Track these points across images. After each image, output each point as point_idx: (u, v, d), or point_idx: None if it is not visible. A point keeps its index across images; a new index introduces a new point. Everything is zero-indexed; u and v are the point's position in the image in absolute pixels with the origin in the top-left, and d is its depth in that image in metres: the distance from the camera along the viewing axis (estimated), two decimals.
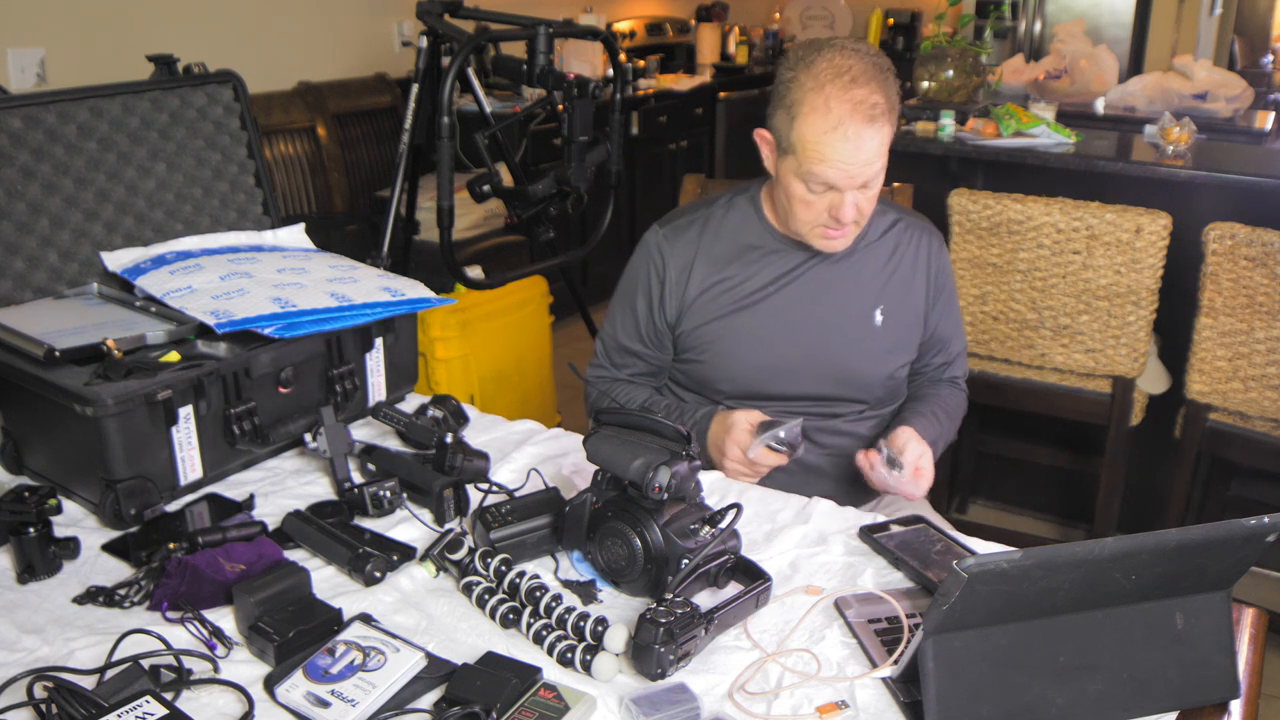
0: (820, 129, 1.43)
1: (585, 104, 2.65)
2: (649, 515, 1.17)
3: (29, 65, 3.11)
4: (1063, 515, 3.07)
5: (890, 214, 1.68)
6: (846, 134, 1.42)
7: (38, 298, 1.58)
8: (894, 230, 1.67)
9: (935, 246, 1.70)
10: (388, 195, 2.90)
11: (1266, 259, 2.16)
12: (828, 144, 1.44)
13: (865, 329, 1.64)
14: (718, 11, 6.15)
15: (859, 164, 1.45)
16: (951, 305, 1.74)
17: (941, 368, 1.76)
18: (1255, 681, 1.09)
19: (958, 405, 1.75)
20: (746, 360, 1.63)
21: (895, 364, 1.68)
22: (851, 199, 1.48)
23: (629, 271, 1.70)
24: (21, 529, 1.21)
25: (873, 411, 1.69)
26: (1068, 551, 0.93)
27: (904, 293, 1.66)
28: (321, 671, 1.03)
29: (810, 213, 1.52)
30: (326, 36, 4.05)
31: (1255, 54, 6.40)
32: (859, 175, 1.46)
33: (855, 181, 1.46)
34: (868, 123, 1.43)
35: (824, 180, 1.47)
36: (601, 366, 1.74)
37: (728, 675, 1.08)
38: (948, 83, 3.14)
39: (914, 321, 1.68)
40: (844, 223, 1.50)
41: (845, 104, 1.42)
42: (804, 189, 1.50)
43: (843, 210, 1.49)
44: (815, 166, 1.46)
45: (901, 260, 1.66)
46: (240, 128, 1.84)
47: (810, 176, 1.47)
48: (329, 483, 1.47)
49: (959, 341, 1.77)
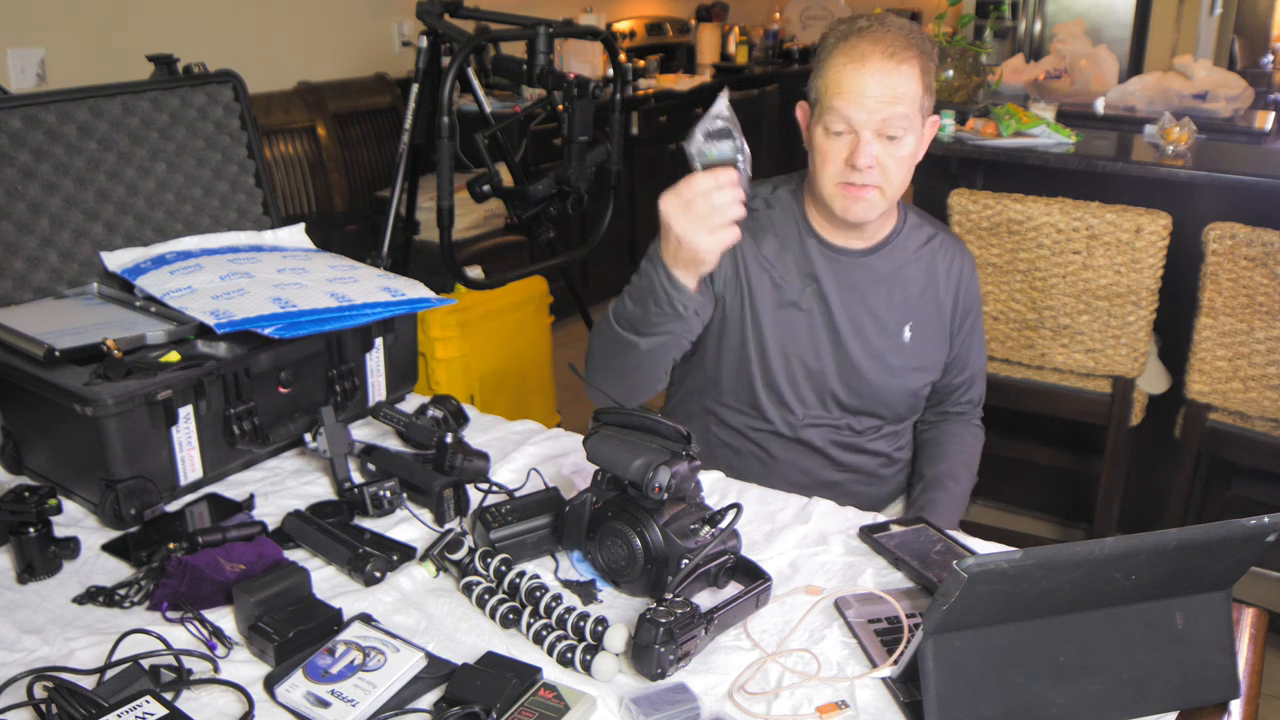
0: (842, 63, 1.44)
1: (585, 104, 2.65)
2: (649, 515, 1.17)
3: (29, 65, 3.11)
4: (1063, 515, 3.07)
5: (927, 228, 1.66)
6: (865, 65, 1.42)
7: (38, 298, 1.58)
8: (930, 245, 1.65)
9: (968, 269, 1.68)
10: (388, 195, 2.90)
11: (1266, 259, 2.16)
12: (846, 75, 1.43)
13: (894, 343, 1.62)
14: (718, 11, 6.15)
15: (877, 97, 1.42)
16: (977, 328, 1.72)
17: (960, 389, 1.74)
18: (1255, 681, 1.09)
19: (974, 454, 1.74)
20: (768, 362, 1.60)
21: (919, 383, 1.66)
22: (870, 144, 1.44)
23: None
24: (21, 529, 1.21)
25: (890, 428, 1.69)
26: (1068, 551, 0.93)
27: (934, 311, 1.65)
28: (321, 671, 1.03)
29: (830, 165, 1.48)
30: (326, 36, 4.05)
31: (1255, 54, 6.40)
32: (877, 111, 1.42)
33: (873, 118, 1.43)
34: (889, 58, 1.42)
35: (842, 114, 1.44)
36: None
37: (728, 675, 1.08)
38: (948, 83, 3.14)
39: (940, 340, 1.67)
40: (861, 168, 1.45)
41: (869, 41, 1.43)
42: (824, 135, 1.48)
43: (860, 154, 1.44)
44: (834, 100, 1.44)
45: (935, 277, 1.64)
46: (240, 128, 1.84)
47: (829, 115, 1.45)
48: (329, 483, 1.47)
49: (979, 361, 1.75)
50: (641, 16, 5.85)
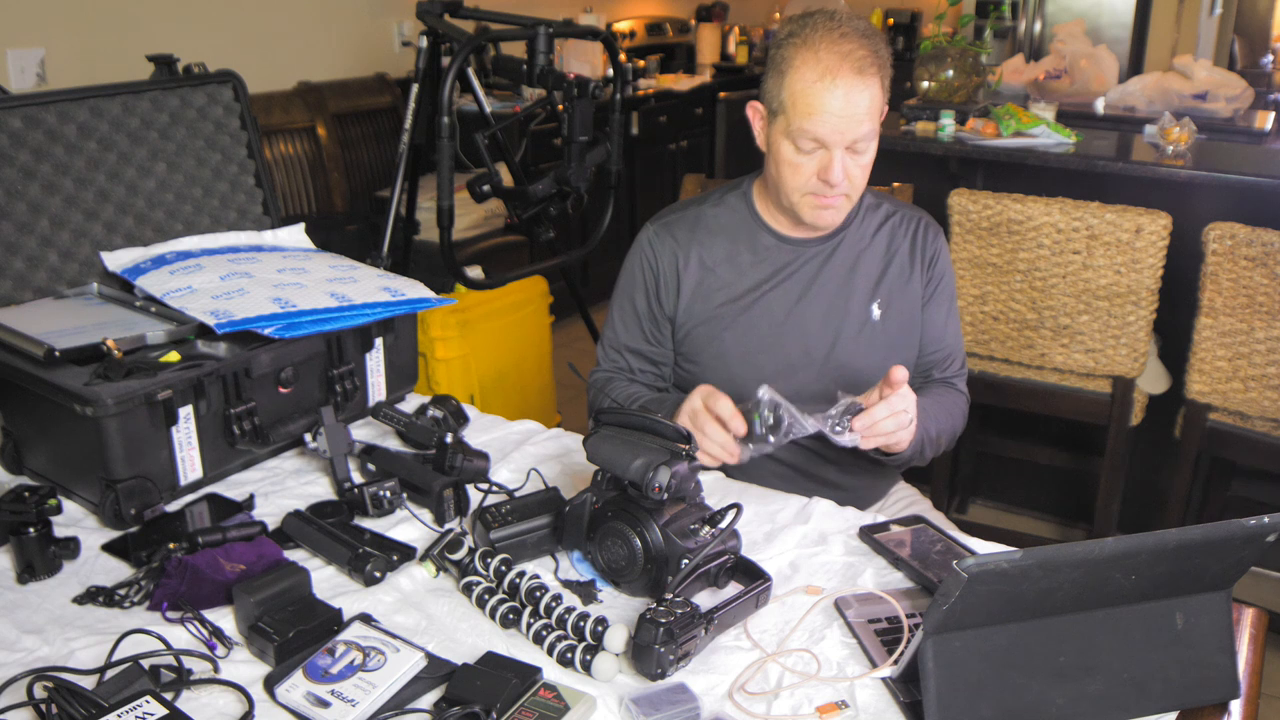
0: (809, 79, 1.44)
1: (585, 104, 2.65)
2: (649, 515, 1.17)
3: (29, 65, 3.11)
4: (1063, 515, 3.07)
5: (885, 207, 1.67)
6: (835, 83, 1.43)
7: (38, 298, 1.58)
8: (889, 224, 1.66)
9: (931, 235, 1.68)
10: (388, 195, 2.90)
11: (1266, 259, 2.16)
12: (816, 94, 1.44)
13: (863, 324, 1.63)
14: (718, 11, 6.16)
15: (848, 117, 1.44)
16: (949, 297, 1.71)
17: (939, 365, 1.74)
18: (1255, 681, 1.09)
19: (953, 401, 1.74)
20: (743, 360, 1.62)
21: (895, 360, 1.67)
22: (841, 160, 1.47)
23: (625, 271, 1.70)
24: (21, 529, 1.21)
25: None
26: (1068, 551, 0.93)
27: (901, 286, 1.65)
28: (321, 671, 1.03)
29: (799, 177, 1.50)
30: (326, 36, 4.05)
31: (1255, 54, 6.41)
32: (848, 131, 1.45)
33: (844, 137, 1.45)
34: (857, 73, 1.43)
35: (813, 135, 1.45)
36: (603, 370, 1.73)
37: (728, 675, 1.08)
38: (948, 83, 3.14)
39: (912, 314, 1.67)
40: (833, 184, 1.48)
41: (835, 54, 1.43)
42: (793, 150, 1.49)
43: (831, 170, 1.46)
44: (804, 121, 1.45)
45: (897, 252, 1.65)
46: (240, 128, 1.84)
47: (799, 134, 1.46)
48: (329, 483, 1.47)
49: (956, 340, 1.74)
50: (641, 16, 5.85)
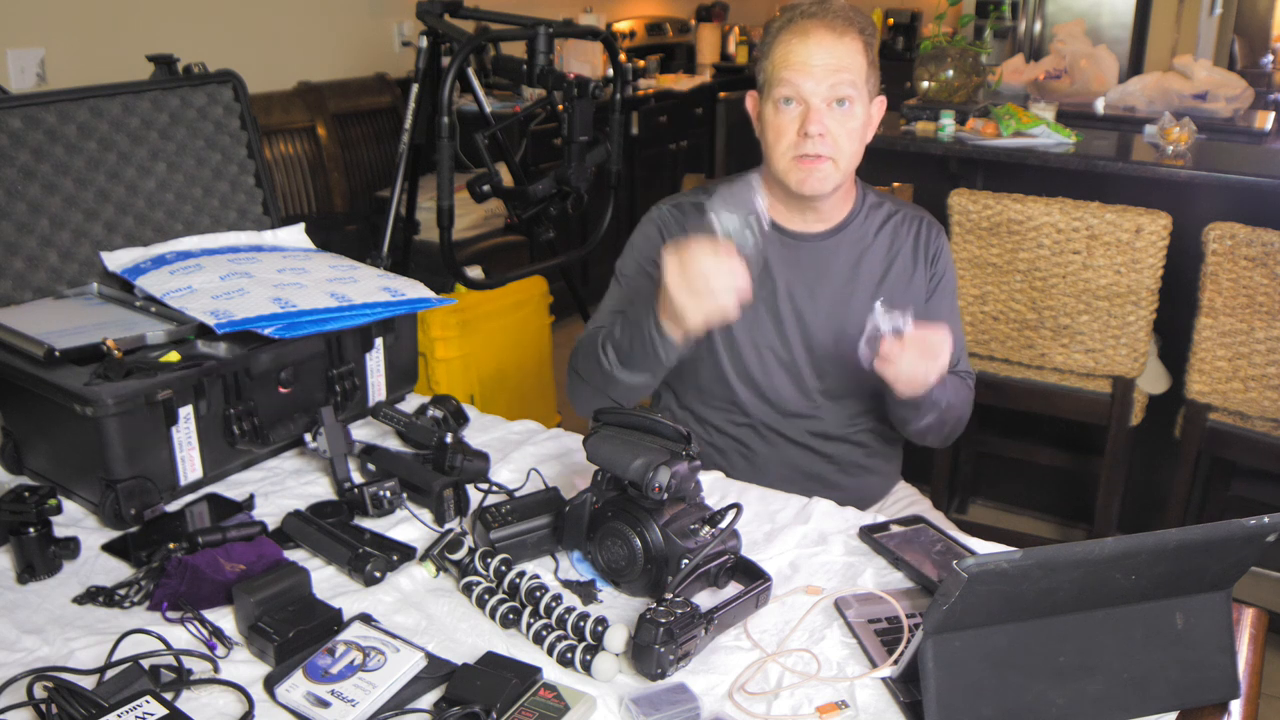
0: (787, 39, 1.48)
1: (585, 104, 2.65)
2: (649, 515, 1.17)
3: (29, 65, 3.11)
4: (1063, 515, 3.07)
5: (887, 206, 1.67)
6: (809, 37, 1.47)
7: (38, 298, 1.58)
8: (891, 223, 1.66)
9: (933, 234, 1.68)
10: (388, 195, 2.90)
11: (1266, 259, 2.16)
12: (792, 49, 1.47)
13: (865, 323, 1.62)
14: (718, 11, 6.15)
15: (823, 66, 1.46)
16: (951, 294, 1.71)
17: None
18: (1255, 681, 1.09)
19: (961, 384, 1.71)
20: (747, 349, 1.61)
21: None
22: (820, 112, 1.47)
23: (630, 247, 1.67)
24: (21, 529, 1.21)
25: (873, 417, 1.67)
26: (1068, 551, 0.93)
27: (904, 284, 1.65)
28: (321, 671, 1.03)
29: (782, 139, 1.50)
30: (326, 36, 4.05)
31: (1255, 54, 6.41)
32: (824, 78, 1.46)
33: (821, 85, 1.46)
34: (832, 30, 1.47)
35: (790, 83, 1.47)
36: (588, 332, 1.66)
37: (728, 675, 1.08)
38: (948, 83, 3.14)
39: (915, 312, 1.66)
40: (813, 136, 1.47)
41: (814, 22, 1.48)
42: (775, 112, 1.50)
43: (810, 120, 1.47)
44: (781, 73, 1.48)
45: (900, 251, 1.65)
46: (240, 128, 1.84)
47: (778, 86, 1.48)
48: (329, 483, 1.47)
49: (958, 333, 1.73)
50: (641, 16, 5.85)
